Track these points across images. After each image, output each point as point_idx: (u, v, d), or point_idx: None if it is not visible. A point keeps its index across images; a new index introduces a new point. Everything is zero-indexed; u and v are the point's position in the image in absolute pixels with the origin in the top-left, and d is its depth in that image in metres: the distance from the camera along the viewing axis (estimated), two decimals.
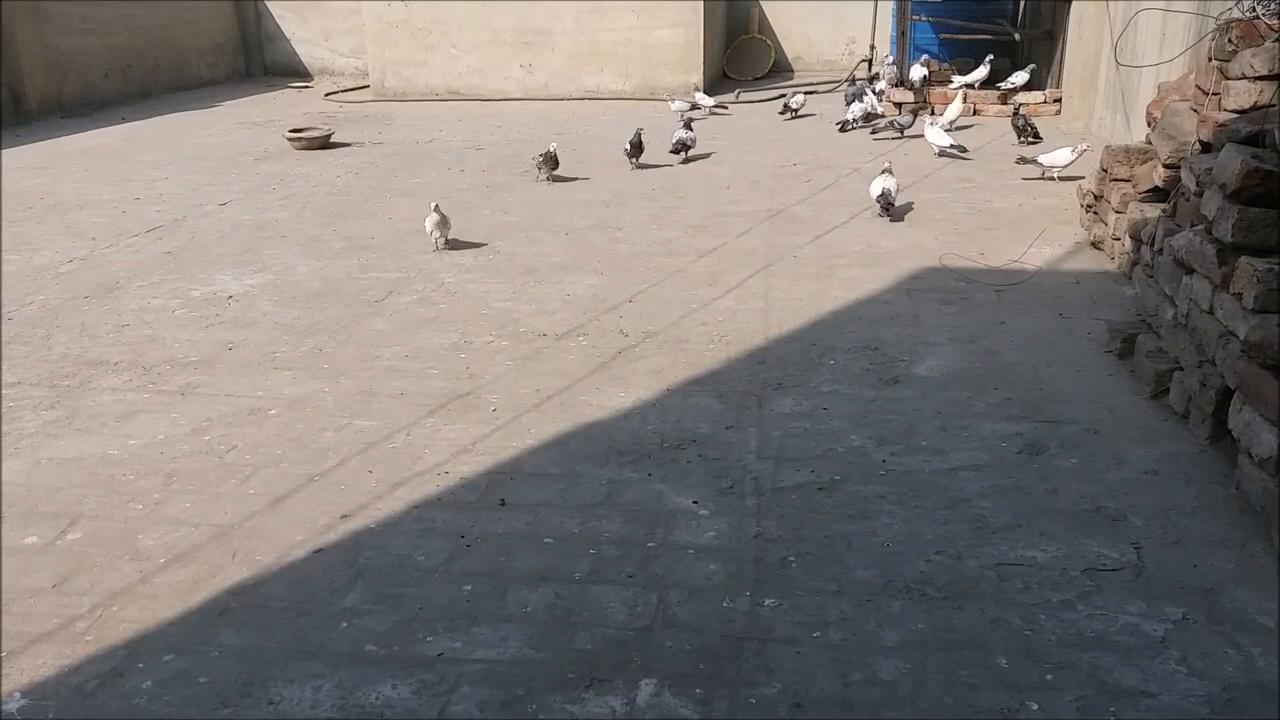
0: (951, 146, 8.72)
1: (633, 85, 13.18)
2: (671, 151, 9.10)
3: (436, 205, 6.50)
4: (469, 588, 3.05)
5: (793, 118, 11.15)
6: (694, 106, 11.17)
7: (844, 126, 10.33)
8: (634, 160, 8.74)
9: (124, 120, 12.08)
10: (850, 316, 5.21)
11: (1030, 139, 8.88)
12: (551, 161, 8.26)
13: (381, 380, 4.55)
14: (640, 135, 8.78)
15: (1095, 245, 6.17)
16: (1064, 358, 4.61)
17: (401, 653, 2.77)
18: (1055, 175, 7.75)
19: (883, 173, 7.05)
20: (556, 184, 8.24)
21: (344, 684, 2.65)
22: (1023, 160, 7.99)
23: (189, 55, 14.91)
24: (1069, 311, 5.17)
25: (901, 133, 9.70)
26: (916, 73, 11.14)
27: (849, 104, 10.70)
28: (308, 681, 2.66)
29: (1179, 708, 2.51)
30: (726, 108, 11.77)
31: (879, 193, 6.93)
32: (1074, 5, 9.81)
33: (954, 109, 9.97)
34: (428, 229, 6.49)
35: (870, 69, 13.25)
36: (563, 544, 3.26)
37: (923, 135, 9.10)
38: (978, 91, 10.84)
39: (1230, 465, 3.53)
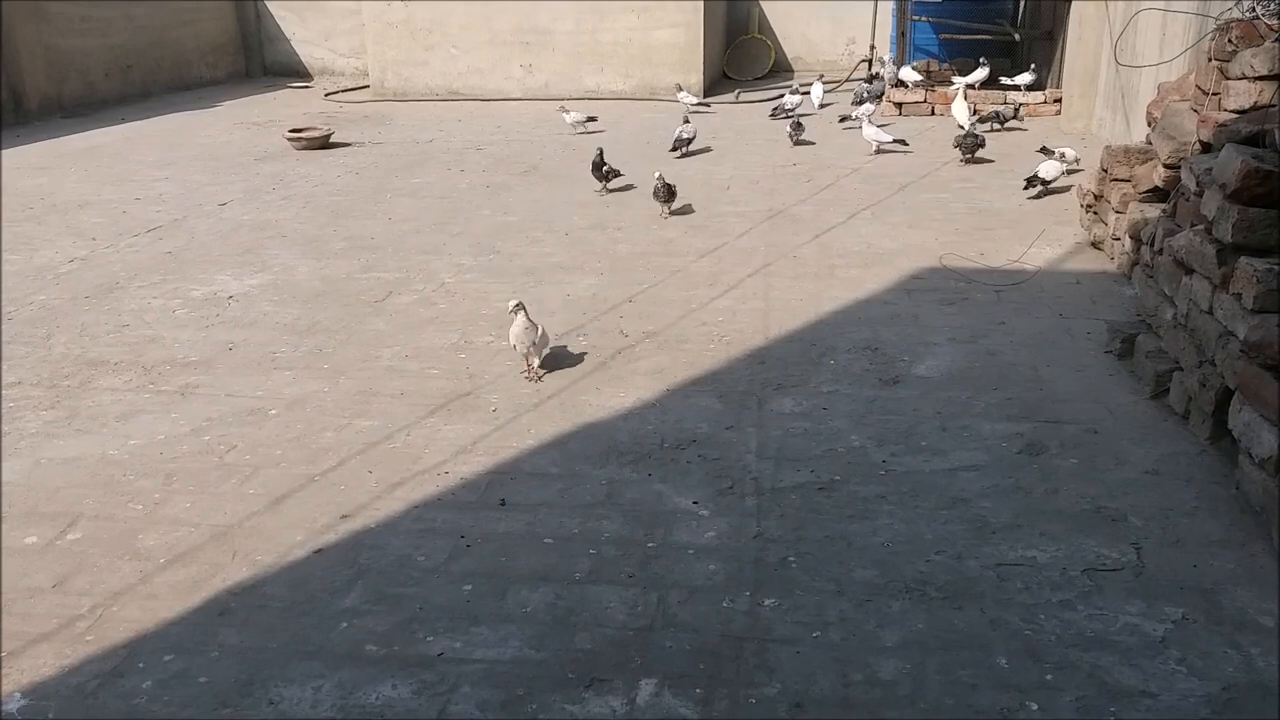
0: (894, 141, 8.94)
1: (633, 85, 13.18)
2: (671, 150, 9.33)
3: (520, 306, 4.45)
4: (469, 588, 3.05)
5: (786, 117, 11.12)
6: (590, 119, 10.59)
7: (844, 118, 10.49)
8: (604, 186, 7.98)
9: (124, 120, 12.08)
10: (850, 316, 5.21)
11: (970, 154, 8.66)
12: (669, 193, 7.16)
13: (381, 380, 4.55)
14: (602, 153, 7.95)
15: (1095, 245, 6.17)
16: (1064, 358, 4.61)
17: (401, 653, 2.77)
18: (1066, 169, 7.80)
19: (1058, 155, 7.39)
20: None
21: (344, 684, 2.65)
22: (1045, 150, 7.94)
23: (189, 55, 14.91)
24: (1069, 312, 5.17)
25: (1003, 124, 9.77)
26: (908, 74, 11.17)
27: (856, 103, 10.96)
28: (308, 681, 2.66)
29: (1179, 708, 2.51)
30: (710, 106, 11.49)
31: (1050, 176, 7.26)
32: (1074, 5, 9.81)
33: (960, 106, 9.90)
34: (514, 342, 4.48)
35: (870, 69, 13.26)
36: (563, 544, 3.26)
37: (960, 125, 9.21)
38: (978, 91, 10.84)
39: (1230, 465, 3.53)
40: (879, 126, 9.32)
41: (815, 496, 3.50)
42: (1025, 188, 7.38)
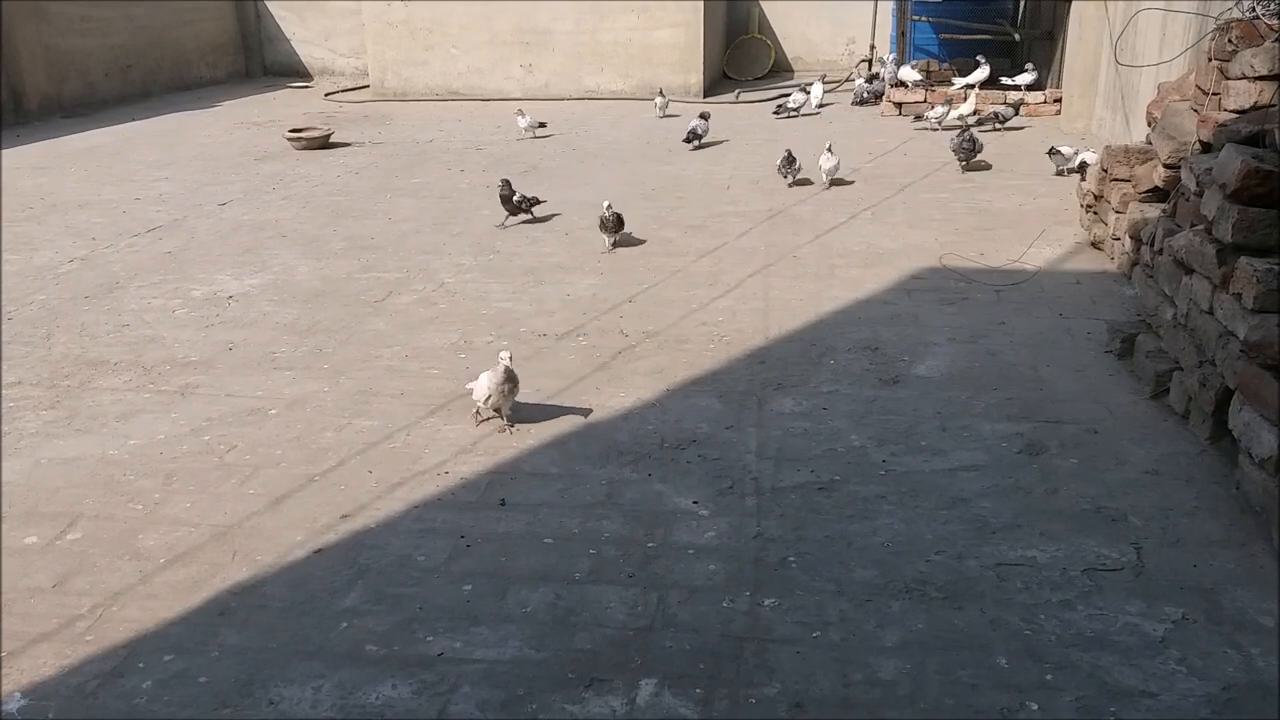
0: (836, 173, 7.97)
1: (633, 85, 13.18)
2: (685, 140, 9.58)
3: (509, 364, 3.94)
4: (469, 588, 3.05)
5: (788, 117, 11.17)
6: (540, 124, 10.39)
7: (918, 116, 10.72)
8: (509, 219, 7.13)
9: (134, 119, 12.05)
10: (850, 316, 5.21)
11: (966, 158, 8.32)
12: (610, 223, 6.35)
13: (381, 380, 4.55)
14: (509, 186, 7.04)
15: (1095, 245, 6.17)
16: (1064, 358, 4.61)
17: (401, 653, 2.77)
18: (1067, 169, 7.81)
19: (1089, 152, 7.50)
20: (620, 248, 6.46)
21: (344, 684, 2.65)
22: (1054, 151, 7.99)
23: (189, 55, 14.92)
24: (1069, 311, 5.17)
25: (1003, 124, 9.84)
26: (908, 74, 11.19)
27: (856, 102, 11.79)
28: (308, 681, 2.66)
29: (1179, 708, 2.51)
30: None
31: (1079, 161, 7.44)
32: (1074, 5, 9.81)
33: (968, 106, 10.02)
34: (488, 392, 3.94)
35: (870, 69, 13.27)
36: (563, 544, 3.26)
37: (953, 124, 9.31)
38: (978, 91, 10.84)
39: (1230, 465, 3.53)
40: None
41: (815, 496, 3.50)
42: (1074, 171, 7.51)
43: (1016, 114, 9.92)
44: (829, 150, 7.90)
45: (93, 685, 2.67)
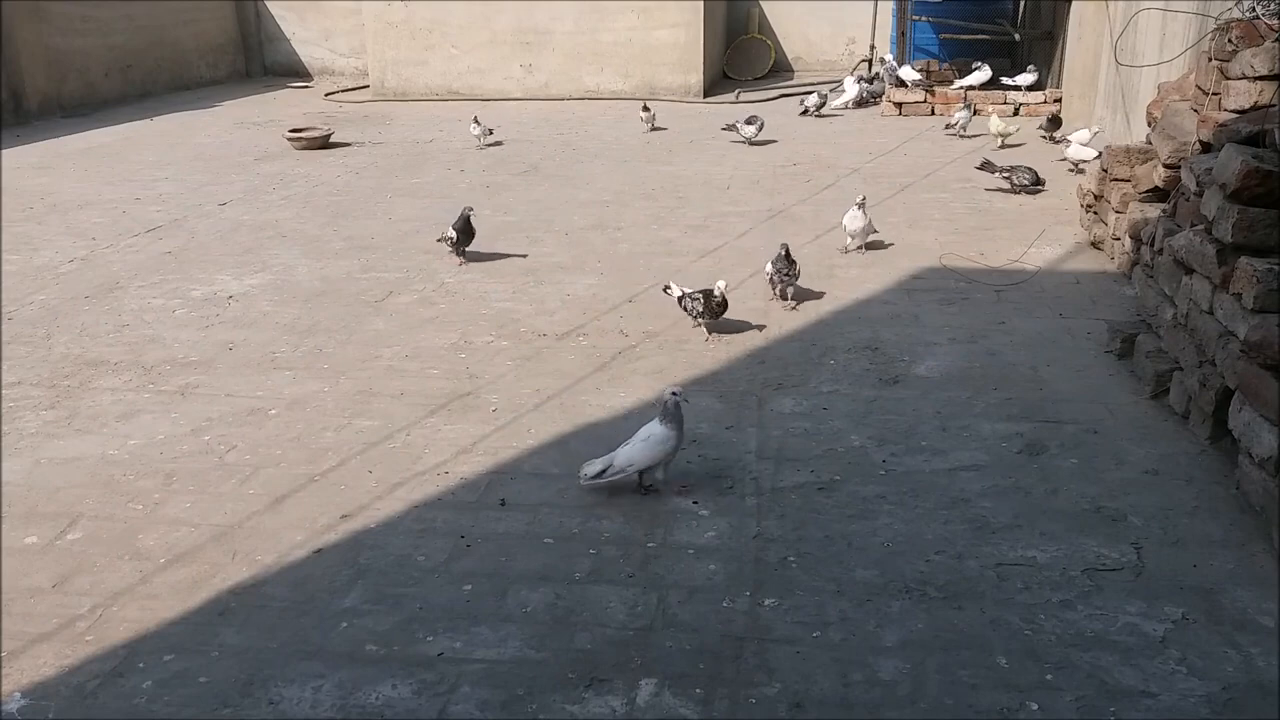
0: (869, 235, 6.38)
1: (633, 85, 13.17)
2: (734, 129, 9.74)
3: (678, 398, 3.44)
4: (469, 588, 3.05)
5: (816, 115, 11.17)
6: (489, 132, 9.79)
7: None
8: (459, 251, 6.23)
9: (135, 119, 12.03)
10: (850, 316, 5.21)
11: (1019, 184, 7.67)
12: (717, 307, 4.92)
13: (381, 380, 4.55)
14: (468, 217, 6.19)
15: (1095, 245, 6.17)
16: (1064, 358, 4.61)
17: (401, 653, 2.77)
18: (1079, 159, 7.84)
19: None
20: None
21: (344, 684, 2.65)
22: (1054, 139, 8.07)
23: (189, 55, 14.91)
24: (1069, 311, 5.17)
25: (1050, 135, 9.29)
26: (907, 74, 11.19)
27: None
28: (308, 681, 2.66)
29: (1179, 708, 2.51)
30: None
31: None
32: (1074, 5, 9.81)
33: (1011, 124, 9.42)
34: (661, 457, 3.46)
35: (870, 69, 13.27)
36: (563, 544, 3.26)
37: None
38: (978, 92, 10.84)
39: (1230, 465, 3.53)
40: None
41: (815, 496, 3.50)
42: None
43: (1058, 126, 9.32)
44: (858, 206, 6.13)
45: (93, 685, 2.67)
